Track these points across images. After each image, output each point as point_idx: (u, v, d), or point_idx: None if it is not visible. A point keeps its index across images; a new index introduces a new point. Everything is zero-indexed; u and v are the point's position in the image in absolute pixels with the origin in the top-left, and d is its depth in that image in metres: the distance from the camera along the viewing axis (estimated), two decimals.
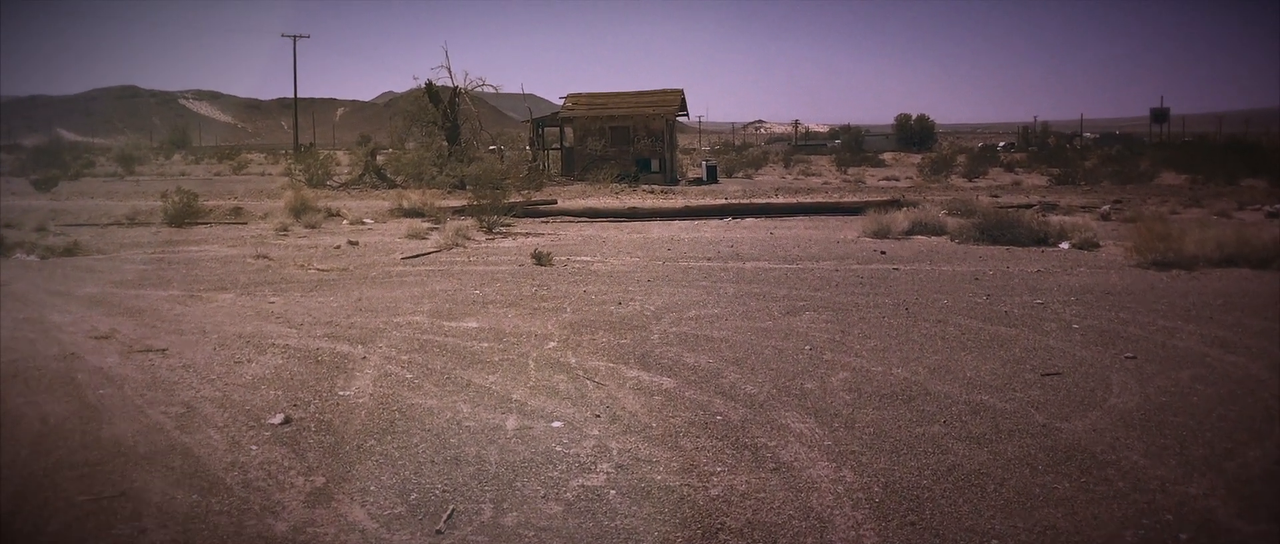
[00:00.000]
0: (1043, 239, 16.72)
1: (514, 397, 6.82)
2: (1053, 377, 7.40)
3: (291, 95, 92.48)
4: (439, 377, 7.37)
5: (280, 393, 6.92)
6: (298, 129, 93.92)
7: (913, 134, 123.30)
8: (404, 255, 15.60)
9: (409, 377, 7.37)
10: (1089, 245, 16.18)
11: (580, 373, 7.53)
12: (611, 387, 7.13)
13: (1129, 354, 8.10)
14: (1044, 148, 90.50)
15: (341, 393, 6.91)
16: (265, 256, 15.36)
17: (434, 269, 13.96)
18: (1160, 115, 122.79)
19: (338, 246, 16.99)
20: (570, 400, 6.73)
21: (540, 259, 14.49)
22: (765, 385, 7.16)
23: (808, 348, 8.41)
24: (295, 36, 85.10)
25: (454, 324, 9.54)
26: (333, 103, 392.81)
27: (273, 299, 11.24)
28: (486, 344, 8.57)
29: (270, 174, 53.45)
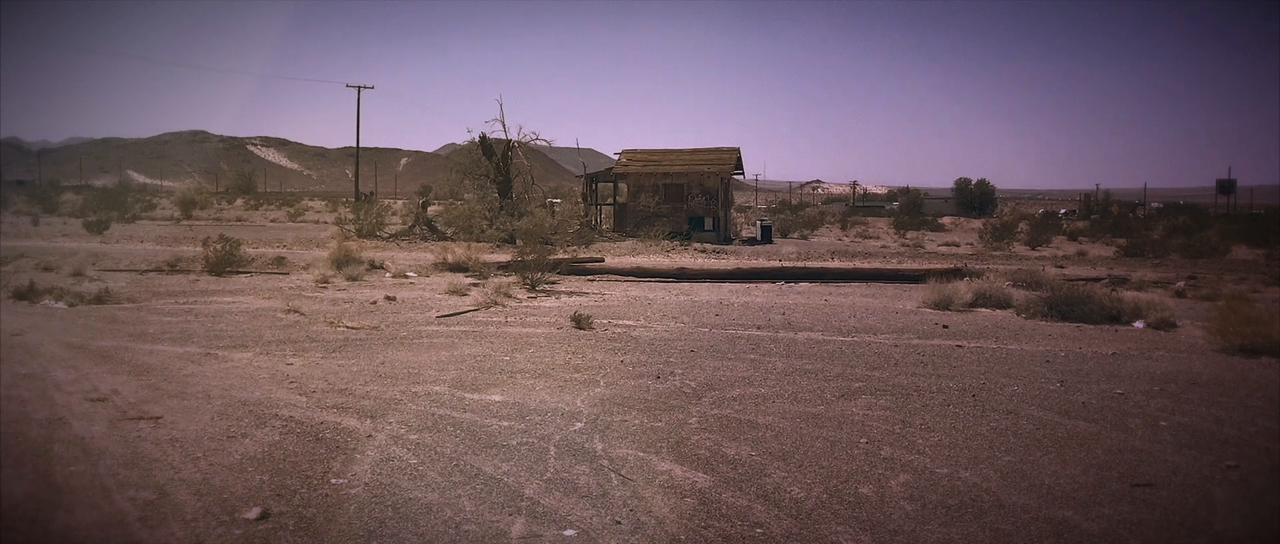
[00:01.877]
0: (1115, 317, 15.67)
1: (526, 492, 6.01)
2: (1145, 488, 6.45)
3: (356, 144, 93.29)
4: (447, 463, 6.59)
5: (267, 478, 6.18)
6: (359, 178, 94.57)
7: (972, 198, 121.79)
8: (439, 314, 14.93)
9: (414, 462, 6.59)
10: (1166, 325, 15.10)
11: (605, 464, 6.71)
12: (639, 483, 6.30)
13: (1230, 462, 7.12)
14: (1107, 216, 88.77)
15: (335, 481, 6.15)
16: (297, 311, 14.76)
17: (468, 330, 13.26)
18: (1227, 186, 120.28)
19: (374, 302, 16.38)
20: (589, 500, 5.91)
21: (579, 323, 13.74)
22: (815, 488, 6.29)
23: (864, 441, 7.53)
24: (360, 87, 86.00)
25: (476, 397, 8.78)
26: (397, 152, 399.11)
27: (292, 360, 10.58)
28: (507, 423, 7.79)
29: (325, 222, 53.49)
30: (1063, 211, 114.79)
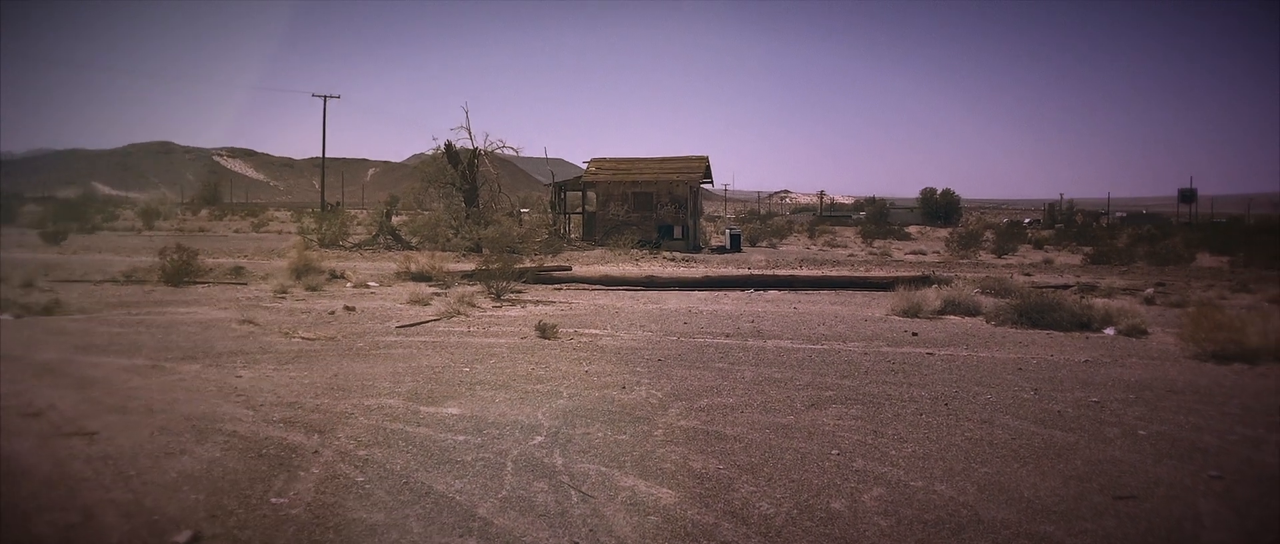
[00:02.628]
0: (1086, 324, 15.49)
1: (479, 512, 5.66)
2: (1127, 501, 6.19)
3: (322, 154, 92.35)
4: (396, 481, 6.23)
5: (203, 497, 5.80)
6: (324, 188, 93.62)
7: (938, 207, 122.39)
8: (399, 324, 14.53)
9: (361, 480, 6.23)
10: (1137, 332, 14.94)
11: (565, 480, 6.37)
12: (600, 500, 5.97)
13: (1213, 472, 6.88)
14: (1071, 225, 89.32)
15: (274, 501, 5.77)
16: (251, 322, 14.31)
17: (428, 340, 12.87)
18: (1188, 195, 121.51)
19: (332, 312, 15.95)
20: (546, 520, 5.57)
21: (544, 332, 13.39)
22: (784, 503, 5.98)
23: (835, 452, 7.23)
24: (326, 96, 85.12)
25: (432, 410, 8.41)
26: (364, 163, 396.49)
27: (241, 372, 10.16)
28: (463, 437, 7.43)
29: (289, 233, 52.77)
30: (1027, 221, 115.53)
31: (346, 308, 16.49)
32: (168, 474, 6.27)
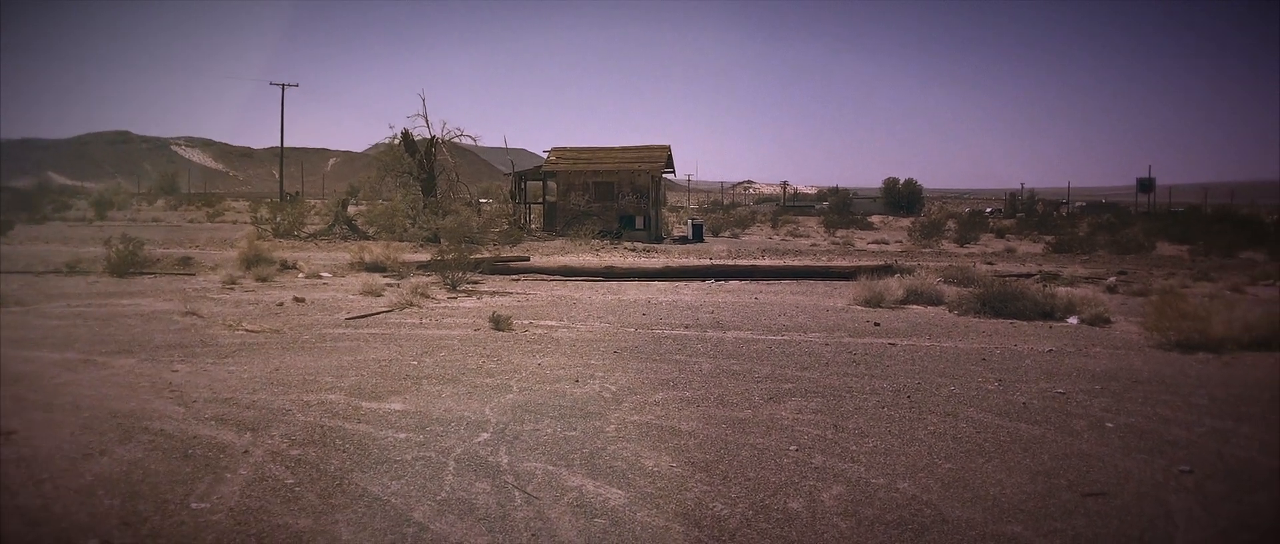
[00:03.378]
0: (1049, 313, 15.33)
1: (415, 516, 5.31)
2: (1096, 498, 5.94)
3: (280, 143, 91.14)
4: (328, 482, 5.86)
5: (118, 503, 5.40)
6: (283, 178, 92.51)
7: (900, 197, 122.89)
8: (349, 316, 14.10)
9: (290, 482, 5.85)
10: (1100, 321, 14.80)
11: (510, 480, 6.03)
12: (545, 502, 5.63)
13: (1183, 466, 6.64)
14: (1032, 214, 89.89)
15: (195, 506, 5.39)
16: (195, 314, 13.84)
17: (377, 333, 12.47)
18: (1147, 184, 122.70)
19: (280, 304, 15.48)
20: (486, 523, 5.23)
21: (498, 323, 13.02)
22: (739, 504, 5.67)
23: (793, 448, 6.94)
24: (284, 85, 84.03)
25: (374, 406, 8.03)
26: (325, 153, 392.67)
27: (178, 367, 9.72)
28: (404, 434, 7.07)
29: (244, 223, 51.92)
30: (989, 210, 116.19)
31: (295, 299, 16.03)
32: (83, 477, 5.86)
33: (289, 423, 7.32)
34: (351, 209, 39.64)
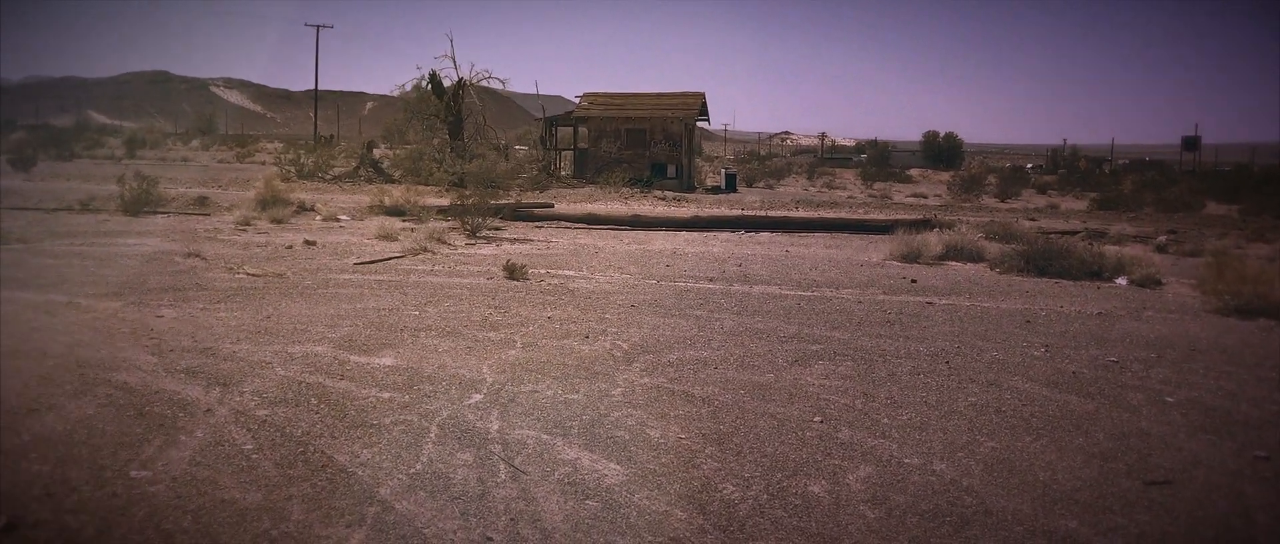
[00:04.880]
0: (1097, 272, 14.45)
1: (380, 492, 4.66)
2: (1161, 487, 5.20)
3: (323, 87, 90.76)
4: (291, 450, 5.22)
5: (49, 469, 4.78)
6: (317, 120, 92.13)
7: (940, 151, 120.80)
8: (358, 261, 13.49)
9: (249, 448, 5.21)
10: (1151, 282, 13.95)
11: (497, 450, 5.37)
12: (533, 477, 4.97)
13: (1260, 451, 5.88)
14: (1074, 171, 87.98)
15: (134, 474, 4.76)
16: (198, 255, 13.28)
17: (385, 279, 11.84)
18: (1192, 143, 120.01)
19: (290, 247, 14.89)
20: (460, 504, 4.57)
21: (512, 273, 12.36)
22: (753, 485, 4.98)
23: (818, 419, 6.23)
24: (319, 26, 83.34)
25: (362, 360, 7.39)
26: (362, 96, 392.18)
27: (164, 312, 9.13)
28: (388, 394, 6.42)
29: (272, 164, 51.57)
30: (1030, 166, 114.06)
31: (307, 242, 15.44)
32: (21, 437, 5.25)
33: (265, 378, 6.70)
34: (378, 152, 38.95)
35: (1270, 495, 5.16)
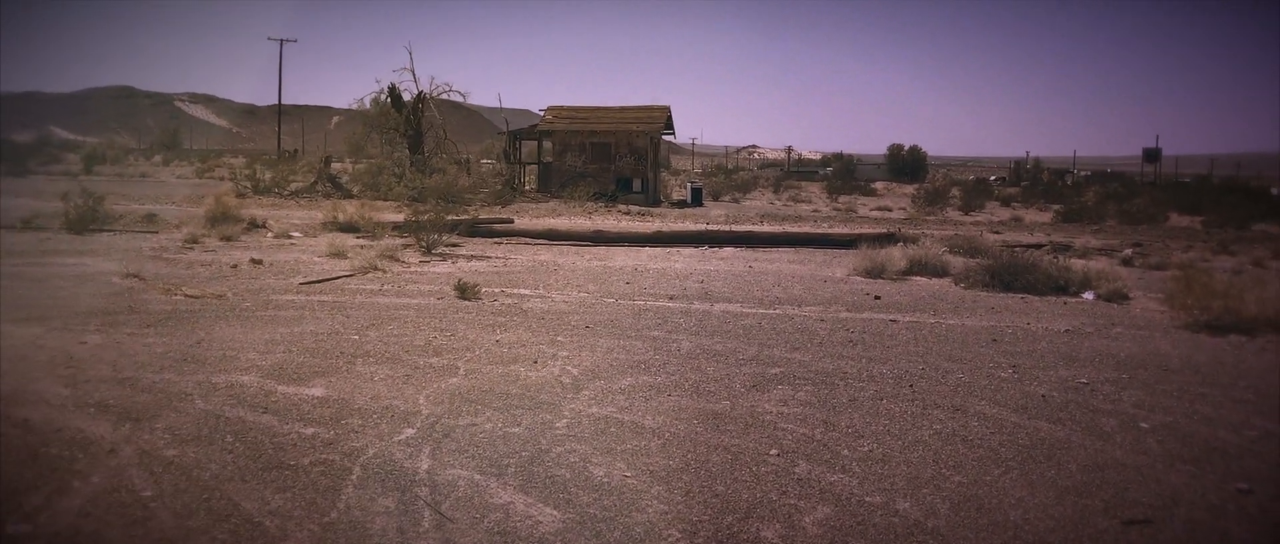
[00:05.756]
0: (1063, 287, 14.18)
1: None
2: (1140, 526, 4.84)
3: (288, 102, 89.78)
4: (195, 496, 4.75)
5: None
6: (280, 135, 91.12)
7: (904, 164, 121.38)
8: (304, 280, 12.98)
9: (148, 496, 4.74)
10: (1118, 297, 13.69)
11: (423, 492, 4.93)
12: (461, 524, 4.54)
13: (1240, 484, 5.54)
14: (1038, 183, 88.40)
15: (13, 529, 4.29)
16: (136, 276, 12.72)
17: (328, 300, 11.35)
18: (1153, 155, 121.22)
19: (235, 266, 14.35)
20: None
21: (464, 292, 11.90)
22: (701, 530, 4.58)
23: (774, 452, 5.83)
24: (282, 41, 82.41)
25: (290, 390, 6.92)
26: (328, 110, 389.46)
27: (89, 338, 8.61)
28: (313, 429, 5.96)
29: (229, 180, 50.75)
30: (994, 178, 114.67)
31: (253, 261, 14.89)
32: None
33: (182, 412, 6.22)
34: (338, 167, 38.31)
35: (1254, 533, 4.82)
